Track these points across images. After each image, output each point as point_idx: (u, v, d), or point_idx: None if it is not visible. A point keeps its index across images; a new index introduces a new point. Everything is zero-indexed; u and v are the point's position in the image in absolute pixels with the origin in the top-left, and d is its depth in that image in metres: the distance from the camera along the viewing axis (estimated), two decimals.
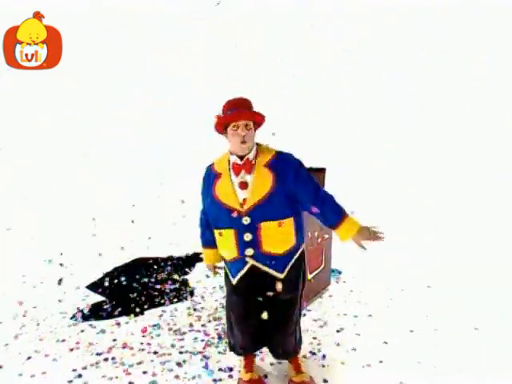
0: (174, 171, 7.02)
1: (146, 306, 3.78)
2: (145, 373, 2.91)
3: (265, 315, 2.55)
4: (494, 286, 4.12)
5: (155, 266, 4.50)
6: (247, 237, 2.41)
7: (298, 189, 2.44)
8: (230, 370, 2.92)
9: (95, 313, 3.66)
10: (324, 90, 7.38)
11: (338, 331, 3.39)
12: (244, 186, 2.41)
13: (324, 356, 3.06)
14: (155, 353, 3.13)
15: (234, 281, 2.54)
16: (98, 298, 3.94)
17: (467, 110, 7.64)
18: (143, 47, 8.13)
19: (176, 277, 4.31)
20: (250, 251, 2.43)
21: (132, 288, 4.08)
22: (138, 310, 3.73)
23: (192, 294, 4.01)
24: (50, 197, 6.29)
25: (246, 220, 2.40)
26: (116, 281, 4.20)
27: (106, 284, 4.17)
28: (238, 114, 2.40)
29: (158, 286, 4.12)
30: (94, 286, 4.14)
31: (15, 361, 3.03)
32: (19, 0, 6.47)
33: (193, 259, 4.74)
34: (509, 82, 7.60)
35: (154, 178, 6.90)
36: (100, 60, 8.20)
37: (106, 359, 3.05)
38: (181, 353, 3.12)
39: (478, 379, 2.81)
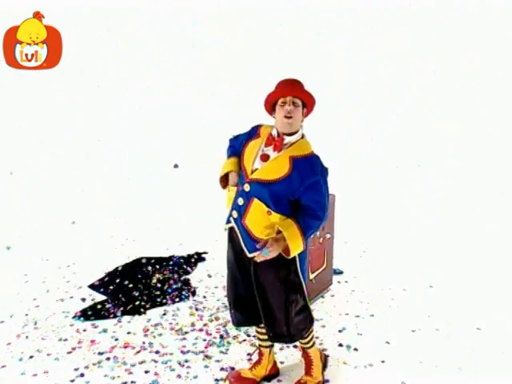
0: (175, 171, 7.03)
1: (147, 306, 3.78)
2: (147, 372, 2.91)
3: None
4: (496, 286, 4.13)
5: (157, 266, 4.49)
6: (240, 201, 2.46)
7: (303, 196, 2.39)
8: (232, 369, 2.92)
9: (97, 312, 3.66)
10: (324, 89, 7.39)
11: (339, 331, 3.40)
12: (265, 158, 2.44)
13: (326, 356, 3.06)
14: (157, 352, 3.13)
15: (224, 226, 2.63)
16: (100, 297, 3.94)
17: (473, 111, 7.65)
18: (144, 47, 8.13)
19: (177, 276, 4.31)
20: (235, 214, 2.50)
21: (134, 287, 4.07)
22: (139, 309, 3.73)
23: (194, 293, 4.01)
24: (50, 196, 6.29)
25: (247, 187, 2.43)
26: (118, 280, 4.20)
27: (108, 283, 4.17)
28: (286, 88, 2.43)
29: (159, 286, 4.12)
30: (96, 286, 4.14)
31: (17, 360, 3.03)
32: (19, 0, 6.47)
33: (195, 259, 4.73)
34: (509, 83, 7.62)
35: (156, 178, 6.90)
36: (100, 60, 8.20)
37: (107, 358, 3.05)
38: (183, 352, 3.13)
39: (479, 379, 2.82)
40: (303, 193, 2.37)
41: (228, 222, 2.57)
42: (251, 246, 2.44)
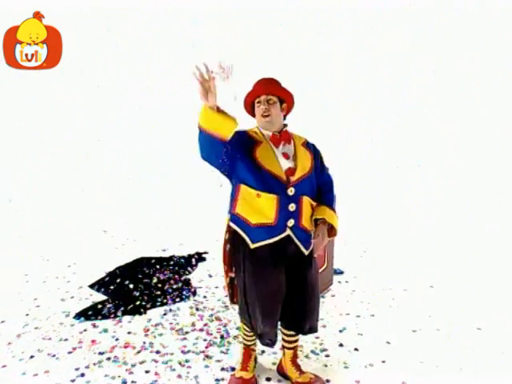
0: (175, 171, 7.02)
1: (148, 306, 3.78)
2: (147, 372, 2.90)
3: None
4: (496, 286, 4.13)
5: (158, 266, 4.50)
6: (292, 207, 2.39)
7: (320, 177, 2.56)
8: (233, 369, 2.91)
9: (98, 312, 3.66)
10: (324, 89, 7.38)
11: (340, 331, 3.40)
12: (287, 156, 2.44)
13: (327, 356, 3.06)
14: (157, 352, 3.12)
15: (253, 245, 2.41)
16: (100, 297, 3.94)
17: (473, 111, 7.65)
18: (144, 47, 8.12)
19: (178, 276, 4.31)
20: (291, 222, 2.41)
21: (134, 287, 4.08)
22: (140, 309, 3.73)
23: (194, 293, 4.01)
24: (51, 196, 6.29)
25: (291, 191, 2.39)
26: (119, 280, 4.20)
27: (109, 283, 4.17)
28: (259, 87, 2.48)
29: (160, 286, 4.12)
30: (97, 286, 4.14)
31: (18, 360, 3.03)
32: (19, 0, 6.46)
33: (195, 259, 4.74)
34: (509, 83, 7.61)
35: (156, 178, 6.90)
36: (100, 60, 8.19)
37: (108, 358, 3.04)
38: (183, 352, 3.12)
39: (479, 379, 2.81)
40: (320, 175, 2.55)
41: (281, 232, 2.41)
42: (308, 243, 2.50)
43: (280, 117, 2.49)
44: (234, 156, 2.37)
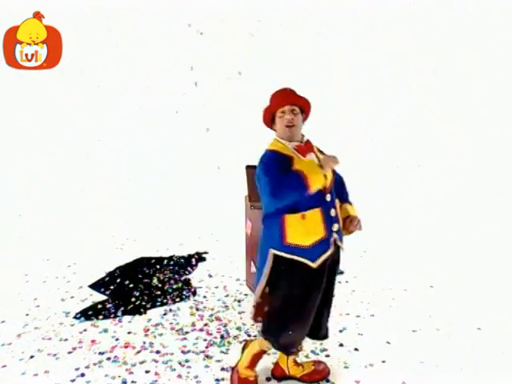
0: (175, 171, 7.02)
1: (148, 306, 3.78)
2: (147, 372, 2.90)
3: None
4: (496, 286, 4.13)
5: (158, 266, 4.50)
6: (332, 212, 2.43)
7: (335, 177, 2.62)
8: (233, 369, 2.91)
9: (98, 312, 3.66)
10: (324, 89, 7.39)
11: (340, 331, 3.40)
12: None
13: (327, 356, 3.06)
14: (158, 352, 3.12)
15: (316, 264, 2.38)
16: (100, 297, 3.94)
17: (472, 110, 7.65)
18: (144, 47, 8.12)
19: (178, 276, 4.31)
20: (336, 226, 2.44)
21: (134, 287, 4.08)
22: (140, 309, 3.73)
23: (194, 293, 4.01)
24: (51, 196, 6.29)
25: (329, 197, 2.43)
26: (119, 280, 4.20)
27: (109, 283, 4.17)
28: (282, 99, 2.48)
29: (160, 286, 4.12)
30: (97, 286, 4.14)
31: (18, 360, 3.03)
32: (19, 0, 6.46)
33: (195, 259, 4.73)
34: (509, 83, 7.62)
35: (156, 178, 6.89)
36: (100, 60, 8.19)
37: (108, 358, 3.04)
38: (183, 352, 3.12)
39: (480, 379, 2.81)
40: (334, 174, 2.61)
41: (330, 244, 2.41)
42: (342, 243, 2.53)
43: (301, 127, 2.54)
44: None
